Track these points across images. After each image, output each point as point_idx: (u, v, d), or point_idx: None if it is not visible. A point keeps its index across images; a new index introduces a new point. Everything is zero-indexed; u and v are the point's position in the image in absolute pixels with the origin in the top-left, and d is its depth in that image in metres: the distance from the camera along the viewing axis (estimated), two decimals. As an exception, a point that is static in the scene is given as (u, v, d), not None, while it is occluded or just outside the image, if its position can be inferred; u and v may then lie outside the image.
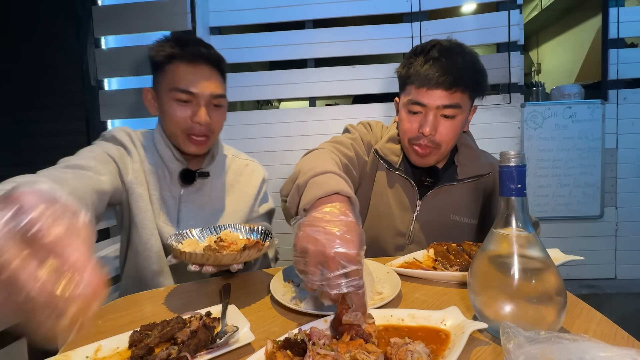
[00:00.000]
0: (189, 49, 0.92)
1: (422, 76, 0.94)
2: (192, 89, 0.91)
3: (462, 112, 0.97)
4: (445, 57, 0.94)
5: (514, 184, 0.52)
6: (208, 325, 0.57)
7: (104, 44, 2.35)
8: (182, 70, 0.91)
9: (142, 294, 0.81)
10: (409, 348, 0.47)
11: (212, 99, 0.94)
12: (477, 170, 1.06)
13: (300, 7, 2.27)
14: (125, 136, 1.00)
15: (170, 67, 0.92)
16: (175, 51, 0.91)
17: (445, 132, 0.97)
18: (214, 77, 0.95)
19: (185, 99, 0.91)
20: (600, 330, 0.56)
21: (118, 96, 2.33)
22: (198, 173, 1.01)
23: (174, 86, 0.91)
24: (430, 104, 0.95)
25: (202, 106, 0.92)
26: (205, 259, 0.66)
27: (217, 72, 0.97)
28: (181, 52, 0.91)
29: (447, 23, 2.20)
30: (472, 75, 0.95)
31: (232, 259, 0.67)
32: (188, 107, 0.92)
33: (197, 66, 0.92)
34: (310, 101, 2.37)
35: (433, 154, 1.01)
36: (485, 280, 0.55)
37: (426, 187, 1.07)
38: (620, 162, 2.20)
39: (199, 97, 0.92)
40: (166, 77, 0.93)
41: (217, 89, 0.94)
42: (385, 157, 1.08)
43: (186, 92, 0.91)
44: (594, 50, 3.22)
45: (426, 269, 0.82)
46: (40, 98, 2.38)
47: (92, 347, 0.55)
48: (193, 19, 2.21)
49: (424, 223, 1.07)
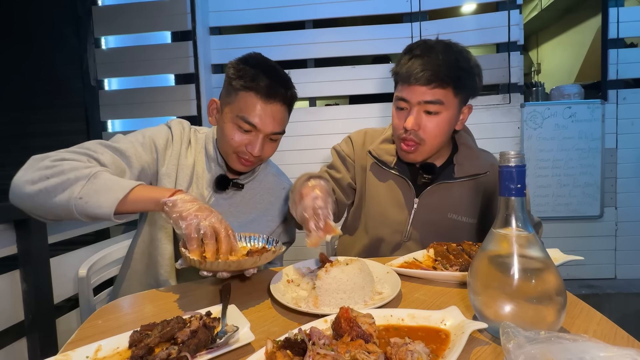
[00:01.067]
0: (269, 87, 0.91)
1: (404, 73, 0.98)
2: (256, 123, 0.92)
3: (446, 109, 0.98)
4: (426, 54, 0.96)
5: (513, 184, 0.52)
6: (208, 325, 0.57)
7: (104, 44, 2.35)
8: (254, 103, 0.91)
9: (142, 294, 0.81)
10: (409, 348, 0.47)
11: (271, 135, 0.96)
12: (474, 170, 1.07)
13: (300, 7, 2.28)
14: (177, 128, 1.03)
15: (243, 94, 0.92)
16: (254, 85, 0.91)
17: (428, 127, 0.99)
18: (281, 115, 0.96)
19: (247, 128, 0.93)
20: (600, 330, 0.56)
21: (118, 96, 2.34)
22: (233, 182, 1.03)
23: (242, 115, 0.92)
24: (412, 100, 0.97)
25: (259, 140, 0.94)
26: (227, 266, 0.68)
27: (285, 110, 0.97)
28: (259, 87, 0.90)
29: (447, 23, 2.21)
30: (453, 71, 0.95)
31: (253, 263, 0.70)
32: (246, 136, 0.94)
33: (270, 104, 0.92)
34: (310, 101, 2.37)
35: (419, 150, 1.02)
36: (485, 280, 0.55)
37: (423, 186, 1.08)
38: (620, 162, 2.20)
39: (259, 131, 0.93)
40: (237, 101, 0.93)
41: (278, 127, 0.96)
42: (379, 158, 1.11)
43: (250, 124, 0.92)
44: (594, 50, 3.23)
45: (426, 269, 0.82)
46: (40, 98, 2.38)
47: (92, 347, 0.55)
48: (193, 19, 2.21)
49: (421, 221, 1.08)
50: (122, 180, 0.78)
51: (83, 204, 0.74)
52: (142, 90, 2.31)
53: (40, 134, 2.35)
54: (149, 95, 2.29)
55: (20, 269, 1.17)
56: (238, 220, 1.05)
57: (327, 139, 2.27)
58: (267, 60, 0.97)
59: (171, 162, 0.99)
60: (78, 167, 0.77)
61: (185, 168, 1.00)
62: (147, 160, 0.94)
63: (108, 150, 0.87)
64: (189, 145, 1.04)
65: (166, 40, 2.33)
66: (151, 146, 0.96)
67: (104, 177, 0.77)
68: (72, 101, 2.33)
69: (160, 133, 1.00)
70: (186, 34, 2.25)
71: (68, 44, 2.32)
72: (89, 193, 0.74)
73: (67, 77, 2.34)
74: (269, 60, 0.97)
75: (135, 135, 0.97)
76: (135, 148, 0.92)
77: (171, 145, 1.01)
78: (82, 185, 0.75)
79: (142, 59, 2.28)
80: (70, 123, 2.33)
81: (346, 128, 2.27)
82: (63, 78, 2.35)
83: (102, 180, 0.76)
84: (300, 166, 2.30)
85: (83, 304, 1.11)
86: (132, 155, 0.90)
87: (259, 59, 0.97)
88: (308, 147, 2.30)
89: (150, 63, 2.28)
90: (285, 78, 0.97)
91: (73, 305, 1.41)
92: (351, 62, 2.29)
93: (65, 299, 1.36)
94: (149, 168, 0.95)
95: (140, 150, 0.93)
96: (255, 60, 0.96)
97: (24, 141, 2.40)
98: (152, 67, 2.28)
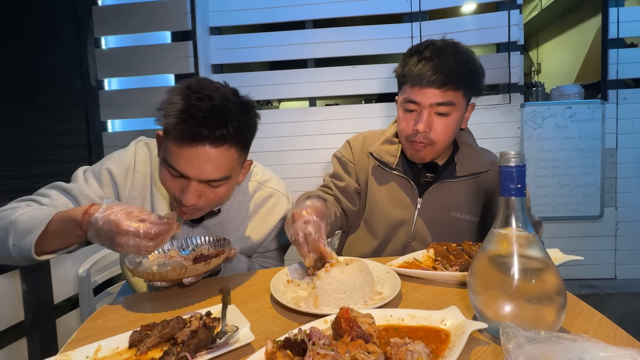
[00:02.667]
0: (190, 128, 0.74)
1: (415, 75, 0.97)
2: (182, 170, 0.78)
3: (456, 110, 0.99)
4: (437, 57, 0.96)
5: (513, 184, 0.52)
6: (208, 325, 0.57)
7: (104, 44, 2.35)
8: (175, 147, 0.77)
9: (142, 294, 0.81)
10: (409, 348, 0.47)
11: (208, 182, 0.81)
12: (475, 168, 1.08)
13: (300, 7, 2.27)
14: (143, 153, 0.97)
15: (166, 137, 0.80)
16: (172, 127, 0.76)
17: (439, 129, 0.99)
18: (216, 159, 0.78)
19: (175, 175, 0.79)
20: (600, 330, 0.56)
21: (118, 96, 2.33)
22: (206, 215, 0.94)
23: (167, 158, 0.79)
24: (423, 102, 0.97)
25: (191, 188, 0.79)
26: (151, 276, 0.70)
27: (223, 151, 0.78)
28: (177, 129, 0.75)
29: (447, 23, 2.21)
30: (465, 73, 0.96)
31: (177, 275, 0.70)
32: (178, 182, 0.80)
33: (193, 147, 0.76)
34: (310, 101, 2.37)
35: (428, 150, 1.03)
36: (485, 280, 0.55)
37: (426, 185, 1.08)
38: (620, 162, 2.20)
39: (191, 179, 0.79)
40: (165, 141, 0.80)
41: (215, 174, 0.79)
42: (381, 159, 1.11)
43: (176, 171, 0.79)
44: (594, 50, 3.22)
45: (426, 269, 0.82)
46: (40, 98, 2.38)
47: (92, 347, 0.55)
48: (193, 19, 2.21)
49: (425, 220, 1.08)
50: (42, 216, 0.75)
51: (17, 251, 0.75)
52: (142, 90, 2.31)
53: (40, 134, 2.35)
54: (149, 95, 2.29)
55: (20, 269, 1.17)
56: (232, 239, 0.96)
57: (327, 139, 2.26)
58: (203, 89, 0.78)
59: (135, 188, 0.94)
60: (7, 216, 0.78)
61: (162, 197, 0.95)
62: (100, 195, 0.91)
63: (55, 191, 0.88)
64: None
65: (166, 40, 2.33)
66: (107, 177, 0.92)
67: (23, 218, 0.76)
68: (72, 101, 2.33)
69: (121, 160, 0.94)
70: (186, 34, 2.25)
71: (68, 44, 2.32)
72: (17, 239, 0.74)
73: (67, 77, 2.33)
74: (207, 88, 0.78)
75: (94, 167, 0.94)
76: (86, 184, 0.91)
77: (132, 173, 0.94)
78: (12, 233, 0.75)
79: (142, 59, 2.28)
80: (70, 123, 2.33)
81: (346, 128, 2.27)
82: (63, 78, 2.35)
83: (22, 223, 0.75)
84: (300, 166, 2.30)
85: (83, 304, 1.11)
86: (78, 193, 0.89)
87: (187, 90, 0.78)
88: (308, 147, 2.30)
89: (150, 63, 2.28)
90: (221, 112, 0.77)
91: (73, 305, 1.41)
92: (351, 62, 2.29)
93: (65, 299, 1.36)
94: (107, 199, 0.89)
95: (92, 185, 0.91)
96: (184, 92, 0.77)
97: (24, 141, 2.40)
98: (152, 67, 2.28)
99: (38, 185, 0.91)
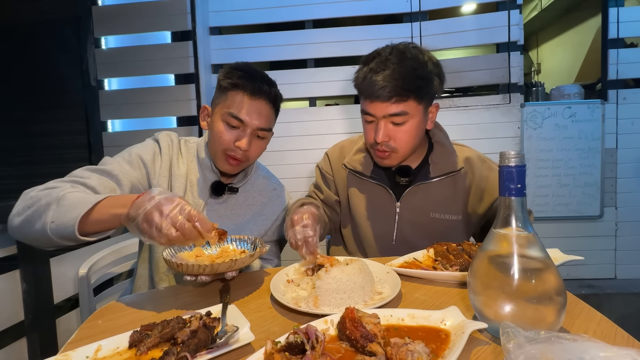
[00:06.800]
0: (253, 83, 0.98)
1: (364, 88, 0.98)
2: (243, 118, 0.97)
3: (412, 117, 0.98)
4: (382, 69, 0.95)
5: (513, 184, 0.52)
6: (208, 325, 0.57)
7: (104, 44, 2.35)
8: (241, 99, 0.98)
9: (142, 294, 0.82)
10: (409, 348, 0.47)
11: (258, 131, 1.00)
12: (449, 167, 1.07)
13: (300, 7, 2.28)
14: (165, 140, 1.06)
15: (231, 93, 0.98)
16: (241, 82, 0.97)
17: (399, 137, 1.00)
18: (267, 112, 1.01)
19: (235, 124, 0.98)
20: (600, 330, 0.56)
21: (118, 96, 2.33)
22: (228, 187, 1.07)
23: (230, 111, 0.97)
24: (377, 114, 0.98)
25: (247, 135, 0.99)
26: (202, 270, 0.69)
27: (271, 108, 1.02)
28: (245, 84, 0.97)
29: (446, 23, 2.21)
30: (411, 82, 0.94)
31: (227, 267, 0.71)
32: (235, 132, 0.99)
33: (255, 100, 0.98)
34: (310, 101, 2.37)
35: (393, 157, 1.04)
36: (485, 280, 0.55)
37: (402, 189, 1.08)
38: (620, 162, 2.20)
39: (247, 126, 0.98)
40: (226, 100, 0.99)
41: (264, 124, 1.00)
42: (354, 169, 1.13)
43: (237, 119, 0.97)
44: (594, 50, 3.22)
45: (426, 269, 0.83)
46: (40, 98, 2.38)
47: (92, 347, 0.55)
48: (193, 19, 2.21)
49: (406, 224, 1.09)
50: (90, 197, 0.77)
51: (55, 228, 0.74)
52: (142, 90, 2.31)
53: (40, 134, 2.35)
54: (149, 95, 2.29)
55: (20, 269, 1.17)
56: (234, 222, 1.08)
57: (327, 139, 2.27)
58: (254, 67, 1.04)
59: (162, 173, 1.03)
60: (52, 194, 0.78)
61: (179, 177, 1.04)
62: (136, 177, 0.97)
63: (95, 174, 0.90)
64: (180, 155, 1.07)
65: (166, 40, 2.33)
66: (138, 162, 1.00)
67: (72, 196, 0.77)
68: (72, 101, 2.33)
69: (146, 148, 1.03)
70: (186, 34, 2.25)
71: (68, 44, 2.32)
72: (59, 215, 0.75)
73: (67, 77, 2.34)
74: (256, 68, 1.04)
75: (122, 154, 1.01)
76: (122, 166, 0.96)
77: (159, 157, 1.04)
78: (53, 209, 0.75)
79: (142, 59, 2.28)
80: (70, 123, 2.33)
81: (346, 128, 2.27)
82: (63, 78, 2.35)
83: (69, 200, 0.76)
84: (300, 166, 2.30)
85: (83, 304, 1.11)
86: (119, 173, 0.93)
87: (246, 65, 1.04)
88: (308, 147, 2.30)
89: (150, 63, 2.28)
90: (270, 80, 1.03)
91: (73, 305, 1.41)
92: (351, 62, 2.29)
93: (65, 299, 1.36)
94: (140, 183, 0.99)
95: (127, 168, 0.96)
96: (243, 65, 1.03)
97: (24, 141, 2.40)
98: (152, 67, 2.28)
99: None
